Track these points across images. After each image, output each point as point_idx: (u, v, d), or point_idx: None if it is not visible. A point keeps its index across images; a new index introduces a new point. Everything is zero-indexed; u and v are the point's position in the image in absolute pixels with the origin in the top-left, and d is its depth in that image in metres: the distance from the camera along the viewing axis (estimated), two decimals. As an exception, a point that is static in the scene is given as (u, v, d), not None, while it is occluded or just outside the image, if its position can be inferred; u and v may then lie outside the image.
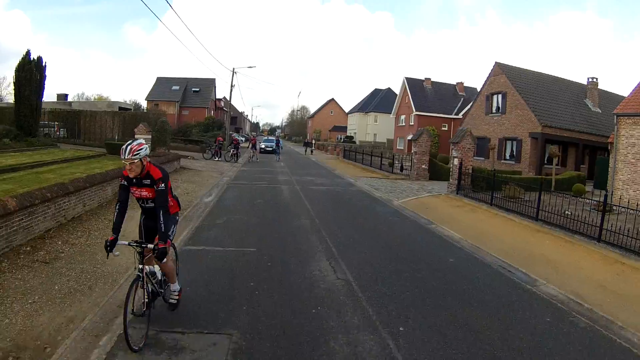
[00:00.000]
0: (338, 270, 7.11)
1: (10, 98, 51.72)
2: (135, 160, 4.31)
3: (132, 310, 4.31)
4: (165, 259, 4.49)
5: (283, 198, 14.91)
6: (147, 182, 4.51)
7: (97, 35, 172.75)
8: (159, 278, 4.93)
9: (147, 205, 4.67)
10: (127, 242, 4.40)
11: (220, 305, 5.51)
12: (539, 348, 4.84)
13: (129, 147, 4.30)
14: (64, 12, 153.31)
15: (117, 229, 4.45)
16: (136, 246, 4.42)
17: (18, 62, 26.80)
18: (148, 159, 4.50)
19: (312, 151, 48.88)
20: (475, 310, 5.81)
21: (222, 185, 17.28)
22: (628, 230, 9.10)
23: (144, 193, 4.57)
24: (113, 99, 73.52)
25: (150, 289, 4.60)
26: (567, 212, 11.12)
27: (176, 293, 5.07)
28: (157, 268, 4.88)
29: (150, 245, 4.42)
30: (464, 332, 5.14)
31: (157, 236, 4.49)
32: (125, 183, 4.54)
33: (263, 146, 44.04)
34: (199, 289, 6.06)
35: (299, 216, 11.65)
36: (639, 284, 7.40)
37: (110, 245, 4.32)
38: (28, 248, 7.11)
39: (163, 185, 4.48)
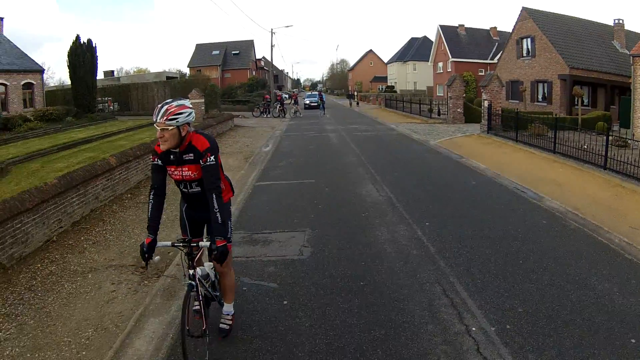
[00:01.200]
0: (380, 191, 8.94)
1: (52, 82, 56.66)
2: (170, 128, 3.14)
3: (188, 330, 3.28)
4: (226, 260, 3.32)
5: (332, 143, 16.89)
6: (190, 156, 3.32)
7: (128, 6, 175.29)
8: (212, 279, 3.85)
9: (192, 190, 3.51)
10: (169, 243, 3.34)
11: (293, 214, 7.47)
12: (530, 237, 6.22)
13: (163, 108, 3.13)
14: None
15: (153, 226, 3.33)
16: (182, 247, 3.32)
17: (69, 47, 29.11)
18: (190, 128, 3.31)
19: (357, 103, 50.56)
20: (484, 213, 7.36)
21: (276, 137, 19.45)
22: (628, 159, 9.91)
23: (187, 173, 3.39)
24: (152, 70, 76.43)
25: (203, 294, 3.52)
26: (584, 145, 11.87)
27: (229, 316, 3.96)
28: (207, 266, 3.83)
29: (203, 243, 3.28)
30: (473, 224, 6.77)
31: (210, 230, 3.48)
32: (159, 162, 3.38)
33: (307, 102, 45.38)
34: (275, 206, 8.11)
35: (347, 155, 13.57)
36: (631, 202, 8.32)
37: (147, 251, 3.22)
38: (129, 195, 8.97)
39: (213, 158, 3.30)
